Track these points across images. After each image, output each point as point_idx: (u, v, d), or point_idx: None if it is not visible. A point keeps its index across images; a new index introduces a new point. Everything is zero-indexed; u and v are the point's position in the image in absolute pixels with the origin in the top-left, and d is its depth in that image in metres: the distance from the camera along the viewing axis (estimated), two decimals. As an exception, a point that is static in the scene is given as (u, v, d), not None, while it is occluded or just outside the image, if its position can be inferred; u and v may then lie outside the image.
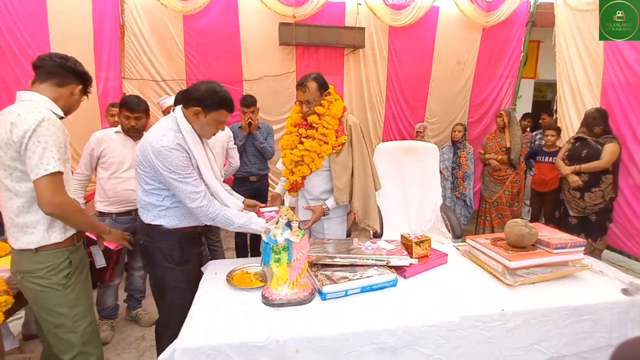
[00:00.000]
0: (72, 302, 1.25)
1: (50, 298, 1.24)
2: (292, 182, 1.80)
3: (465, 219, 3.84)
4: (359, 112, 4.27)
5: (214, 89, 1.38)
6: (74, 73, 1.30)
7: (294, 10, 3.76)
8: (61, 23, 2.84)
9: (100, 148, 2.07)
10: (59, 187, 1.16)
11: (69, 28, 2.94)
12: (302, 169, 1.75)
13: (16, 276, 1.26)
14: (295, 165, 1.77)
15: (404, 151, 2.65)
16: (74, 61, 1.31)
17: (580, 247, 1.42)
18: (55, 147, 1.13)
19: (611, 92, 3.25)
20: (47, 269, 1.21)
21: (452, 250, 1.67)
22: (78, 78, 1.31)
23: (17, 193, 1.16)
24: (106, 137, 2.10)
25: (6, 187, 1.17)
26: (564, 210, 3.07)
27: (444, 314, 1.15)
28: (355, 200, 1.77)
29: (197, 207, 1.34)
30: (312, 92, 1.71)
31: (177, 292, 1.42)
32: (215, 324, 1.10)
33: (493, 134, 3.68)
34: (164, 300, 1.49)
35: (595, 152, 2.86)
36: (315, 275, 1.31)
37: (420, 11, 4.04)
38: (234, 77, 3.87)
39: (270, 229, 1.23)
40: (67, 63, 1.28)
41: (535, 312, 1.20)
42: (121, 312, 2.44)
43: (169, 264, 1.43)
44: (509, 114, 3.55)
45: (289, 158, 1.79)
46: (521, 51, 4.37)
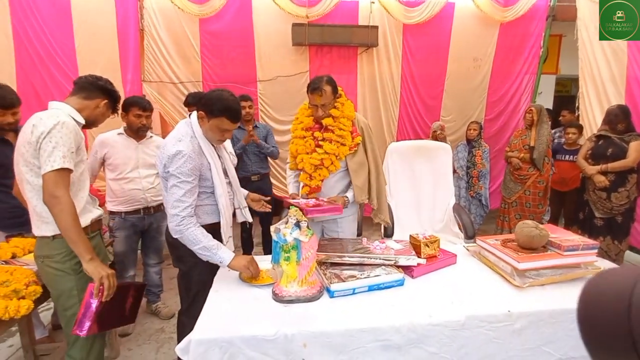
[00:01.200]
0: (83, 286, 1.33)
1: (64, 282, 1.34)
2: (313, 187, 1.81)
3: (481, 219, 3.79)
4: (372, 111, 4.26)
5: (221, 96, 1.44)
6: (101, 89, 1.45)
7: (307, 11, 3.79)
8: (86, 30, 2.97)
9: (104, 150, 2.14)
10: (61, 182, 1.24)
11: (94, 34, 3.07)
12: (322, 172, 1.79)
13: (37, 260, 1.38)
14: (315, 169, 1.79)
15: (416, 151, 2.65)
16: (105, 81, 1.47)
17: (592, 250, 1.40)
18: (64, 147, 1.25)
19: (636, 86, 3.13)
20: (62, 255, 1.32)
21: (462, 250, 1.67)
22: (105, 94, 1.46)
23: (35, 187, 1.29)
24: (109, 140, 2.16)
25: (27, 180, 1.29)
26: (588, 212, 2.95)
27: (450, 313, 1.17)
28: (373, 197, 1.84)
29: (174, 214, 1.37)
30: (328, 95, 1.74)
31: (201, 284, 1.49)
32: (228, 318, 1.16)
33: (520, 131, 3.49)
34: (189, 292, 1.57)
35: (620, 150, 2.76)
36: (324, 274, 1.35)
37: (435, 8, 3.98)
38: (248, 78, 3.94)
39: (280, 229, 1.28)
40: (98, 82, 1.45)
41: (542, 313, 1.19)
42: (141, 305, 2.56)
43: (195, 258, 1.51)
44: (540, 111, 3.29)
45: (308, 162, 1.80)
46: (541, 46, 4.24)
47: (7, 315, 1.27)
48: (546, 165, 3.27)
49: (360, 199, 1.82)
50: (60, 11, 2.73)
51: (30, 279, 1.41)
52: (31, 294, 1.38)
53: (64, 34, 2.74)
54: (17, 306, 1.30)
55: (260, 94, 3.97)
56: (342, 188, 1.87)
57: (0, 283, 1.33)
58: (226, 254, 1.39)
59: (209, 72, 3.90)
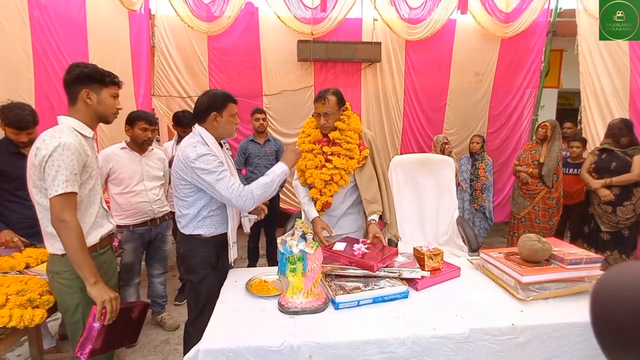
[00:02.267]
0: (89, 303, 1.31)
1: (71, 298, 1.35)
2: (324, 203, 1.78)
3: (485, 232, 3.78)
4: (377, 125, 4.33)
5: (213, 93, 1.58)
6: (74, 81, 1.32)
7: (312, 28, 3.91)
8: (101, 47, 3.08)
9: (109, 166, 2.16)
10: (67, 206, 1.24)
11: (108, 51, 3.18)
12: (333, 187, 1.76)
13: (48, 274, 1.40)
14: (325, 185, 1.77)
15: (420, 164, 2.68)
16: (72, 68, 1.33)
17: (596, 263, 1.41)
18: (67, 170, 1.23)
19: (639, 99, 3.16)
20: (69, 272, 1.32)
21: (465, 263, 1.68)
22: (81, 83, 1.32)
23: (45, 207, 1.29)
24: (113, 155, 2.18)
25: (37, 202, 1.31)
26: (594, 226, 2.94)
27: (454, 326, 1.18)
28: (386, 211, 1.80)
29: (237, 195, 1.48)
30: (331, 104, 1.73)
31: (210, 295, 1.51)
32: (235, 328, 1.18)
33: (529, 145, 3.44)
34: (197, 303, 1.60)
35: (624, 164, 2.77)
36: (329, 285, 1.37)
37: (437, 24, 4.08)
38: (254, 92, 4.05)
39: (286, 241, 1.31)
40: (66, 76, 1.33)
41: (547, 327, 1.20)
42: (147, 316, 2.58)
43: (206, 270, 1.56)
44: (555, 127, 3.20)
45: (318, 178, 1.76)
46: (542, 61, 4.31)
47: (22, 324, 1.30)
48: (555, 182, 3.19)
49: (374, 212, 1.76)
50: (77, 29, 2.84)
51: (44, 288, 1.45)
52: (45, 304, 1.41)
53: (80, 51, 2.85)
54: (31, 315, 1.34)
55: (266, 107, 4.07)
56: (351, 202, 1.86)
57: (16, 292, 1.36)
58: (280, 168, 1.58)
59: (216, 86, 4.01)
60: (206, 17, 3.82)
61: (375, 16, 4.01)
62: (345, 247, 1.53)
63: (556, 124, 3.27)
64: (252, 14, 3.93)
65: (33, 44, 2.38)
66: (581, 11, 3.68)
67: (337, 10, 3.91)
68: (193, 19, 3.80)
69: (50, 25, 2.52)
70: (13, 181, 1.91)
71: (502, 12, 4.14)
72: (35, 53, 2.41)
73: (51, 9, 2.54)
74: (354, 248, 1.52)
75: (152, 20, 3.82)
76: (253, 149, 3.12)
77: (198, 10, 3.80)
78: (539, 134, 3.29)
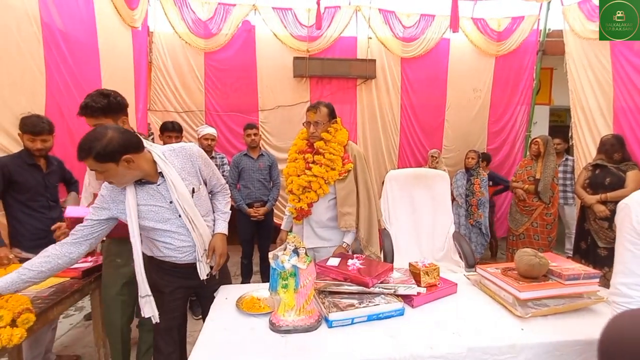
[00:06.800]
0: None
1: None
2: (299, 209, 1.83)
3: (482, 248, 3.75)
4: (373, 140, 4.36)
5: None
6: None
7: (308, 45, 3.98)
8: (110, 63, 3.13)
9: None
10: None
11: (117, 67, 3.23)
12: (310, 195, 1.79)
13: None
14: (303, 191, 1.81)
15: (415, 178, 2.67)
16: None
17: (594, 279, 1.38)
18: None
19: (623, 117, 3.23)
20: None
21: (462, 279, 1.65)
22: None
23: None
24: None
25: None
26: (591, 241, 2.91)
27: (451, 345, 1.14)
28: (360, 228, 1.80)
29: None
30: (322, 114, 1.79)
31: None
32: (223, 348, 1.12)
33: (524, 161, 3.47)
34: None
35: (618, 179, 2.78)
36: (323, 302, 1.32)
37: (431, 42, 4.19)
38: (250, 107, 4.08)
39: (278, 256, 1.27)
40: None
41: (547, 345, 1.16)
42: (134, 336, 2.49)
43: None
44: (547, 142, 3.26)
45: (296, 184, 1.82)
46: (533, 79, 4.41)
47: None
48: (551, 197, 3.20)
49: (346, 226, 1.78)
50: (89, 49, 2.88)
51: (25, 306, 1.38)
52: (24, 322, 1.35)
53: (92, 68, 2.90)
54: (9, 335, 1.27)
55: (261, 122, 4.09)
56: (333, 215, 1.85)
57: (-6, 311, 1.30)
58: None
59: (212, 102, 4.04)
60: (204, 34, 3.89)
61: (370, 34, 4.10)
62: (339, 263, 1.50)
63: (548, 139, 3.31)
64: (249, 31, 4.00)
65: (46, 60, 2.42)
66: (568, 31, 3.80)
67: (332, 28, 4.00)
68: (191, 36, 3.86)
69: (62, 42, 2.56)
70: (27, 192, 2.00)
71: (494, 31, 4.26)
72: (48, 69, 2.44)
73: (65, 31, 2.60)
74: (349, 263, 1.48)
75: (150, 37, 3.88)
76: (246, 163, 3.11)
77: (196, 27, 3.87)
78: (532, 150, 3.32)
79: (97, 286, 1.88)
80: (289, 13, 3.96)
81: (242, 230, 3.13)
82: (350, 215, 1.80)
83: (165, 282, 1.49)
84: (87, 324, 2.79)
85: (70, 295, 1.68)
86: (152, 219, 1.38)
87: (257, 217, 3.04)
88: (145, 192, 1.37)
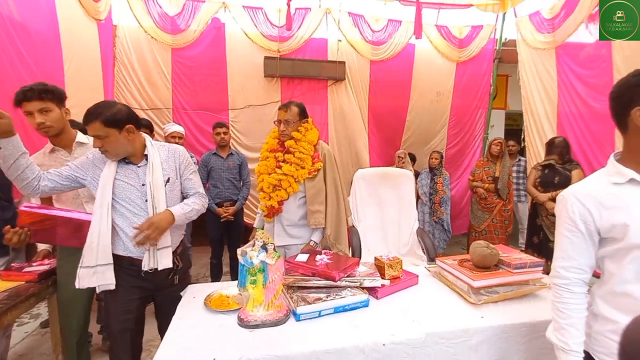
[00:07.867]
0: None
1: None
2: (269, 207, 1.85)
3: (444, 243, 3.95)
4: (344, 139, 4.44)
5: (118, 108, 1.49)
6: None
7: (279, 45, 3.99)
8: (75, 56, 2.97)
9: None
10: None
11: (81, 60, 3.07)
12: (280, 193, 1.82)
13: None
14: (273, 189, 1.84)
15: (381, 177, 2.78)
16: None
17: (538, 267, 1.53)
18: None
19: (566, 122, 3.54)
20: None
21: (423, 271, 1.75)
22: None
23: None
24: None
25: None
26: (543, 236, 3.16)
27: (411, 331, 1.22)
28: (328, 225, 1.84)
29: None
30: (293, 113, 1.82)
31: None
32: (190, 344, 1.13)
33: (481, 162, 3.74)
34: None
35: (565, 178, 3.04)
36: (291, 297, 1.36)
37: (398, 47, 4.34)
38: (220, 106, 4.02)
39: (246, 251, 1.29)
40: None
41: (496, 328, 1.27)
42: (97, 342, 2.39)
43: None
44: (503, 143, 3.63)
45: (267, 182, 1.85)
46: (491, 84, 4.71)
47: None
48: (508, 194, 3.50)
49: (315, 224, 1.84)
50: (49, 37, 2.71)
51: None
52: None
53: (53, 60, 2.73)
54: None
55: (232, 121, 4.04)
56: (304, 213, 1.89)
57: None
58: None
59: (180, 100, 3.93)
60: (171, 30, 3.78)
61: (340, 37, 4.18)
62: (307, 259, 1.54)
63: (503, 141, 3.64)
64: (219, 29, 3.94)
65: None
66: (520, 41, 4.10)
67: (302, 29, 4.04)
68: (157, 30, 3.74)
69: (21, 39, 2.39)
70: None
71: (456, 38, 4.50)
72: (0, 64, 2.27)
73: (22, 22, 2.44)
74: (317, 259, 1.53)
75: (114, 30, 3.71)
76: (216, 162, 3.07)
77: (162, 22, 3.75)
78: (494, 150, 3.60)
79: (54, 290, 1.79)
80: (260, 12, 3.95)
81: (211, 230, 3.09)
82: (320, 213, 1.85)
83: (120, 280, 1.48)
84: (43, 331, 2.63)
85: (25, 299, 1.59)
86: (119, 196, 1.45)
87: (227, 216, 3.00)
88: (124, 169, 1.47)
